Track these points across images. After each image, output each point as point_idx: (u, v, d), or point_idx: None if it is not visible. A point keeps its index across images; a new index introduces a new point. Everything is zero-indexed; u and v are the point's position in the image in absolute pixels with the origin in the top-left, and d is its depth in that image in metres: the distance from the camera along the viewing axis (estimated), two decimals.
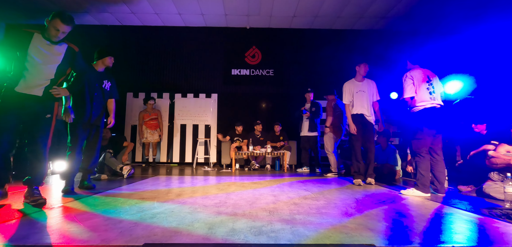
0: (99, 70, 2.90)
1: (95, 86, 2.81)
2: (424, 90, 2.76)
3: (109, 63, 2.93)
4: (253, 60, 6.89)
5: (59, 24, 2.05)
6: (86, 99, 2.71)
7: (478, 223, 1.68)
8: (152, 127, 5.91)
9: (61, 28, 2.06)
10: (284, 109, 6.72)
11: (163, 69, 6.84)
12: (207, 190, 2.81)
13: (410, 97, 2.79)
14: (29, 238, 1.30)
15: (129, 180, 3.54)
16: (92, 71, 2.83)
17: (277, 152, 5.33)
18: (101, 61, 2.88)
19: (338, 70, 6.65)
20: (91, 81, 2.77)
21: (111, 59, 2.93)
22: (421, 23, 6.04)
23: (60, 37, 2.13)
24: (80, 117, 2.66)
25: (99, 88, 2.85)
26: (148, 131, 5.85)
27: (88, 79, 2.73)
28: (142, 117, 5.92)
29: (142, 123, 5.91)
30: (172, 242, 1.26)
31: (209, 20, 6.36)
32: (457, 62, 4.85)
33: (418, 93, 2.77)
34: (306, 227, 1.53)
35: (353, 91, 3.55)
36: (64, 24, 2.06)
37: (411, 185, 3.06)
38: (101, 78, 2.90)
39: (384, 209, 2.01)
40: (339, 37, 6.69)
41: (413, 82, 2.80)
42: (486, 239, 1.40)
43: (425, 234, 1.45)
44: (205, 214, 1.78)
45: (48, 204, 2.04)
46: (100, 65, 2.89)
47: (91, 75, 2.78)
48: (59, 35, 2.10)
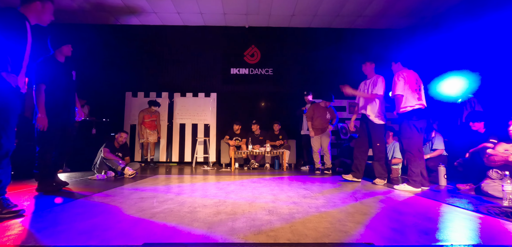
0: (61, 61, 2.74)
1: (65, 80, 2.69)
2: (413, 91, 2.95)
3: (67, 52, 2.74)
4: (252, 59, 6.89)
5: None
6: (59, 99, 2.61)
7: (476, 221, 1.69)
8: (152, 127, 5.90)
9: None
10: (283, 108, 6.72)
11: (162, 69, 6.83)
12: (206, 189, 2.81)
13: (400, 94, 2.93)
14: (28, 238, 1.30)
15: (128, 180, 3.53)
16: (58, 64, 2.68)
17: (276, 151, 5.34)
18: (59, 51, 2.71)
19: (337, 69, 6.66)
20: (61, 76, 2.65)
21: (68, 48, 2.73)
22: (420, 20, 6.05)
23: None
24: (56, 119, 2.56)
25: (70, 81, 2.75)
26: (148, 131, 5.84)
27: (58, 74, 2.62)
28: (143, 117, 5.89)
29: (142, 122, 5.89)
30: (172, 242, 1.26)
31: (208, 19, 6.35)
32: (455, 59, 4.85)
33: (408, 94, 2.94)
34: (305, 226, 1.53)
35: (361, 90, 3.58)
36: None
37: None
38: (69, 70, 2.76)
39: (382, 207, 2.02)
40: (338, 36, 6.70)
41: (405, 82, 2.95)
42: (485, 237, 1.40)
43: (423, 232, 1.45)
44: (205, 214, 1.78)
45: (47, 203, 2.04)
46: (60, 55, 2.72)
47: (58, 69, 2.65)
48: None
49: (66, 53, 2.74)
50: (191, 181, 3.50)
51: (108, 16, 6.09)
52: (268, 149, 5.26)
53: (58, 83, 2.62)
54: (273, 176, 4.05)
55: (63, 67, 2.72)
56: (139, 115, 5.96)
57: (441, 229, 1.54)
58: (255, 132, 5.86)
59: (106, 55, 6.51)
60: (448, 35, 5.21)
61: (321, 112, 4.75)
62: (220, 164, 6.15)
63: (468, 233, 1.48)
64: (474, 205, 2.14)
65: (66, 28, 6.20)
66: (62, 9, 5.71)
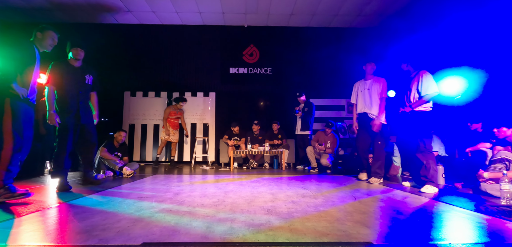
0: (76, 65, 2.84)
1: (78, 82, 2.79)
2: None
3: (77, 55, 2.81)
4: (251, 58, 6.88)
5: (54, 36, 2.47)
6: (70, 99, 2.71)
7: (474, 220, 1.69)
8: (175, 126, 5.73)
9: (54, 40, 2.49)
10: (282, 108, 6.72)
11: (161, 68, 6.81)
12: (205, 189, 2.80)
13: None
14: (28, 237, 1.30)
15: (127, 180, 3.52)
16: (70, 68, 2.79)
17: (275, 151, 5.34)
18: (73, 55, 2.81)
19: (336, 68, 6.66)
20: (72, 78, 2.75)
21: (76, 51, 2.80)
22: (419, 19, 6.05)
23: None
24: (67, 117, 2.68)
25: (84, 84, 2.84)
26: (171, 130, 5.64)
27: (69, 77, 2.73)
28: (169, 113, 5.64)
29: (167, 118, 5.63)
30: (171, 242, 1.26)
31: (206, 18, 6.34)
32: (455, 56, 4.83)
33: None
34: (304, 225, 1.53)
35: (358, 90, 3.63)
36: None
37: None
38: (82, 73, 2.85)
39: (381, 207, 2.02)
40: (337, 35, 6.71)
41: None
42: (483, 235, 1.41)
43: (421, 231, 1.45)
44: (204, 213, 1.78)
45: (46, 203, 2.03)
46: (73, 60, 2.82)
47: (70, 72, 2.76)
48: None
49: (77, 57, 2.82)
50: (190, 180, 3.49)
51: (107, 15, 6.07)
52: (267, 149, 5.26)
53: (69, 86, 2.72)
54: (272, 176, 4.05)
55: (76, 71, 2.81)
56: (165, 111, 5.72)
57: (440, 228, 1.55)
58: (255, 132, 5.86)
59: (104, 55, 6.48)
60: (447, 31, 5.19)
61: (324, 138, 5.11)
62: (219, 163, 6.15)
63: (467, 231, 1.49)
64: (472, 204, 2.15)
65: (64, 27, 6.16)
66: (61, 7, 5.69)
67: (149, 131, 6.46)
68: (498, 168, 2.54)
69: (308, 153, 5.04)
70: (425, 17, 5.92)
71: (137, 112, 6.47)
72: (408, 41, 6.23)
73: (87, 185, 2.91)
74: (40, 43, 2.37)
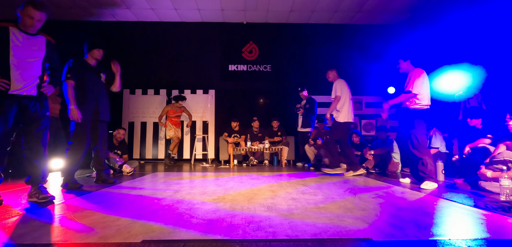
0: (92, 64, 2.89)
1: (95, 80, 2.83)
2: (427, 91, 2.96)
3: (98, 55, 2.89)
4: (250, 55, 6.86)
5: (32, 11, 1.93)
6: (89, 95, 2.75)
7: (474, 216, 1.70)
8: (177, 124, 5.68)
9: (35, 15, 1.94)
10: (282, 105, 6.71)
11: (160, 65, 6.78)
12: (205, 186, 2.81)
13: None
14: (27, 236, 1.30)
15: (127, 177, 3.53)
16: (87, 66, 2.83)
17: (275, 148, 5.34)
18: (90, 55, 2.87)
19: (335, 65, 6.59)
20: (90, 76, 2.80)
21: (99, 52, 2.88)
22: (420, 14, 6.03)
23: (37, 26, 2.01)
24: (86, 114, 2.72)
25: (99, 82, 2.88)
26: (174, 128, 5.57)
27: (87, 74, 2.77)
28: (167, 112, 5.59)
29: (167, 117, 5.59)
30: (170, 239, 1.26)
31: (205, 15, 6.31)
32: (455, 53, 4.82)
33: (426, 93, 2.93)
34: (304, 221, 1.53)
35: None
36: (36, 10, 1.94)
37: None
38: (98, 72, 2.91)
39: (381, 203, 2.02)
40: (337, 31, 6.68)
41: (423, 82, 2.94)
42: (483, 231, 1.41)
43: (421, 227, 1.46)
44: (203, 210, 1.78)
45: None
46: (91, 59, 2.88)
47: (88, 70, 2.80)
48: (35, 24, 1.98)
49: (96, 57, 2.88)
50: (190, 178, 3.49)
51: (105, 12, 6.04)
52: (266, 146, 5.26)
53: (85, 83, 2.75)
54: (272, 173, 4.05)
55: (92, 69, 2.86)
56: (163, 109, 5.67)
57: (439, 223, 1.55)
58: (255, 129, 5.85)
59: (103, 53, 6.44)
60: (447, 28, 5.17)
61: (319, 134, 5.15)
62: (219, 161, 6.15)
63: (466, 227, 1.49)
64: (471, 200, 2.15)
65: (62, 25, 6.13)
66: (58, 4, 5.64)
67: (148, 128, 6.45)
68: (499, 169, 2.54)
69: (307, 150, 5.05)
70: (426, 14, 5.90)
71: (136, 110, 6.47)
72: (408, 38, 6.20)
73: (99, 183, 2.95)
74: (24, 25, 1.98)
